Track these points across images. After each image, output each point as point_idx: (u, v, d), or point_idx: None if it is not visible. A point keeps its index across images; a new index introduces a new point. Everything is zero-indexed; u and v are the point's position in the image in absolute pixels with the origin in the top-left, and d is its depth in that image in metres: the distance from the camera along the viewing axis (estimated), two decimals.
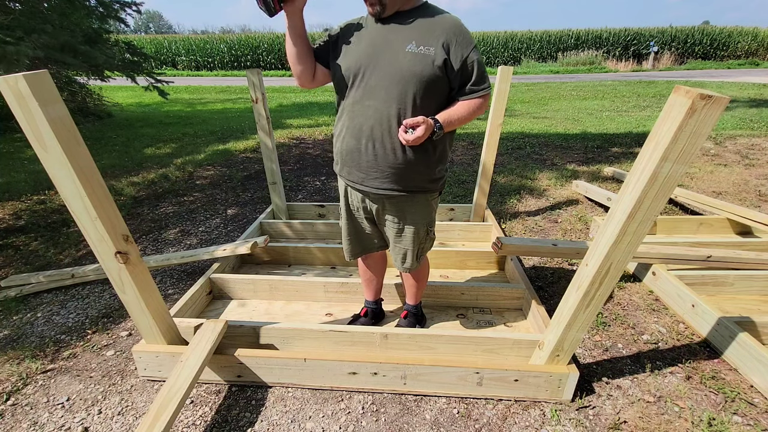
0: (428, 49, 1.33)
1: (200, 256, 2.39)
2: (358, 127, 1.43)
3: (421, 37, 1.35)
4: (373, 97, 1.39)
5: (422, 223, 1.59)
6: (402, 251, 1.65)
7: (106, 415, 1.57)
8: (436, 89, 1.39)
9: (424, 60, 1.33)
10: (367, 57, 1.38)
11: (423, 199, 1.56)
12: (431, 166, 1.50)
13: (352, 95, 1.44)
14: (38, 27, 4.02)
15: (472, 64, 1.38)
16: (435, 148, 1.47)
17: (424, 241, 1.65)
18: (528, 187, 3.96)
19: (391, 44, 1.36)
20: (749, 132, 5.89)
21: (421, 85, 1.35)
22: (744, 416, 1.53)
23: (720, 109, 0.98)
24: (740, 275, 2.20)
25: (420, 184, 1.51)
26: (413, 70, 1.33)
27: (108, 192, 1.31)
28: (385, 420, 1.54)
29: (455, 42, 1.35)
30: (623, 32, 21.36)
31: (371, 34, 1.41)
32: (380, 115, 1.39)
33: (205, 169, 4.72)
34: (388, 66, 1.36)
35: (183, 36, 24.05)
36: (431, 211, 1.63)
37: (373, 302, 2.02)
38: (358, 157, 1.47)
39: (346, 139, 1.48)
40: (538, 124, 6.90)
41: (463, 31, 1.38)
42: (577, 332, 1.45)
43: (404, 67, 1.34)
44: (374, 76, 1.38)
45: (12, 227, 3.18)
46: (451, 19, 1.38)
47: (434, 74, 1.34)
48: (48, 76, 1.11)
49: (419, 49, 1.33)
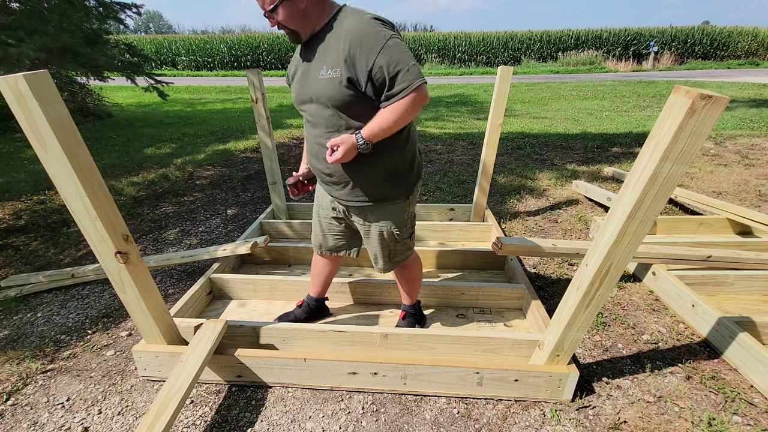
0: (335, 71, 1.32)
1: (200, 256, 2.40)
2: (312, 151, 1.55)
3: (330, 58, 1.33)
4: (314, 126, 1.48)
5: (385, 227, 1.61)
6: (372, 252, 1.72)
7: (106, 415, 1.57)
8: (359, 107, 1.36)
9: (332, 83, 1.33)
10: (298, 90, 1.47)
11: (386, 206, 1.58)
12: (380, 174, 1.50)
13: (304, 124, 1.56)
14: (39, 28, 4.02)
15: (379, 71, 1.28)
16: (379, 160, 1.45)
17: (391, 243, 1.65)
18: (528, 187, 3.96)
19: (310, 73, 1.40)
20: (749, 132, 5.89)
21: (341, 108, 1.37)
22: (744, 416, 1.53)
23: (720, 109, 0.98)
24: (740, 275, 2.20)
25: (379, 194, 1.54)
26: (328, 95, 1.35)
27: (108, 192, 1.31)
28: (385, 420, 1.54)
29: (357, 53, 1.28)
30: (623, 32, 21.36)
31: (300, 66, 1.46)
32: (320, 140, 1.47)
33: (205, 169, 4.72)
34: (310, 94, 1.41)
35: (183, 36, 24.05)
36: (397, 216, 1.61)
37: (314, 299, 2.02)
38: (320, 176, 1.61)
39: (310, 160, 1.62)
40: (538, 124, 6.90)
41: (366, 35, 1.28)
42: (577, 332, 1.45)
43: (322, 95, 1.37)
44: (308, 107, 1.46)
45: (12, 227, 3.18)
46: (353, 28, 1.30)
47: (346, 95, 1.33)
48: (48, 76, 1.11)
49: (329, 73, 1.33)
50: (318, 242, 1.84)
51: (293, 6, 1.31)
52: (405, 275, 1.84)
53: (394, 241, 1.65)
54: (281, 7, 1.31)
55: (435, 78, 16.90)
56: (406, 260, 1.76)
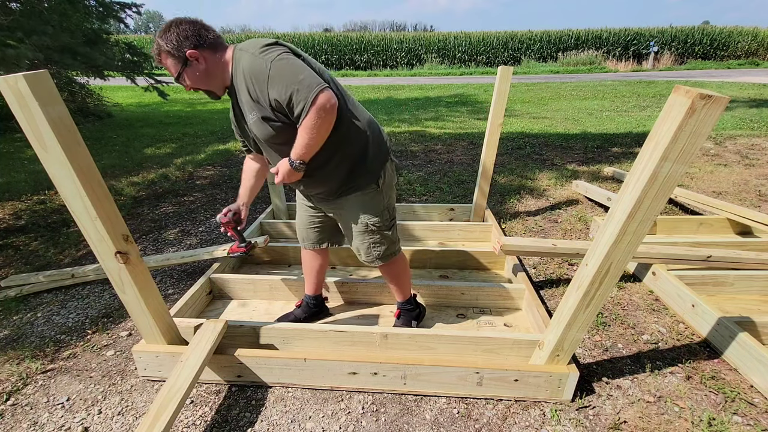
0: (253, 115, 1.40)
1: (200, 256, 2.40)
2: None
3: (247, 105, 1.40)
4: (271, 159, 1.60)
5: (362, 218, 1.64)
6: (353, 245, 1.75)
7: (106, 415, 1.57)
8: (288, 134, 1.39)
9: (258, 125, 1.41)
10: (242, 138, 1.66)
11: (355, 197, 1.62)
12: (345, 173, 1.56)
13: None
14: (38, 28, 4.02)
15: (275, 102, 1.32)
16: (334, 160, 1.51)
17: (368, 234, 1.67)
18: (528, 187, 3.96)
19: (241, 121, 1.52)
20: (749, 132, 5.89)
21: (276, 141, 1.45)
22: (744, 416, 1.53)
23: (720, 109, 0.98)
24: (740, 275, 2.20)
25: (345, 188, 1.60)
26: (261, 136, 1.45)
27: (108, 192, 1.31)
28: (385, 420, 1.54)
29: (254, 93, 1.34)
30: (623, 32, 21.37)
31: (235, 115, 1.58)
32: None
33: (205, 169, 4.72)
34: (253, 139, 1.56)
35: None
36: (372, 206, 1.62)
37: (312, 297, 2.03)
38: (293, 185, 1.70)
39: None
40: (538, 124, 6.90)
41: (253, 73, 1.31)
42: (577, 332, 1.45)
43: (257, 135, 1.47)
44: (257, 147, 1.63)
45: (12, 227, 3.18)
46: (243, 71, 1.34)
47: (273, 131, 1.41)
48: (48, 76, 1.11)
49: (251, 116, 1.41)
50: (302, 236, 1.89)
51: (193, 70, 1.38)
52: (390, 272, 1.84)
53: (372, 231, 1.67)
54: (185, 74, 1.38)
55: (435, 78, 16.91)
56: (394, 256, 1.77)
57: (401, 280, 1.89)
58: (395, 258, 1.79)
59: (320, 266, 1.97)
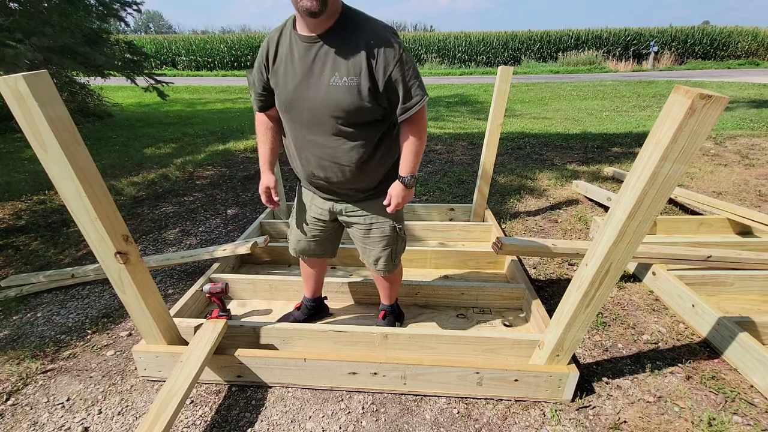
0: (352, 80, 1.28)
1: (200, 256, 2.40)
2: (306, 160, 1.49)
3: (344, 66, 1.29)
4: (311, 133, 1.41)
5: (388, 222, 1.62)
6: (372, 254, 1.68)
7: (106, 415, 1.57)
8: (368, 113, 1.36)
9: (350, 91, 1.29)
10: (295, 92, 1.37)
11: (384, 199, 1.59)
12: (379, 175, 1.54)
13: (293, 129, 1.46)
14: (38, 29, 4.01)
15: (395, 83, 1.31)
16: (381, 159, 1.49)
17: (395, 241, 1.66)
18: (528, 187, 3.96)
19: (316, 76, 1.32)
20: (749, 132, 5.89)
21: (352, 116, 1.34)
22: (744, 416, 1.53)
23: (720, 108, 0.98)
24: (740, 275, 2.20)
25: (377, 189, 1.56)
26: (341, 104, 1.31)
27: (108, 192, 1.31)
28: (385, 420, 1.54)
29: (377, 62, 1.28)
30: (623, 32, 21.35)
31: (296, 65, 1.35)
32: (322, 149, 1.43)
33: (205, 169, 4.72)
34: (315, 101, 1.34)
35: (183, 36, 24.05)
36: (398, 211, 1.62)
37: (310, 299, 2.03)
38: (315, 181, 1.56)
39: (298, 167, 1.57)
40: (538, 124, 6.90)
41: (385, 42, 1.28)
42: (577, 332, 1.45)
43: (331, 101, 1.32)
44: (307, 112, 1.37)
45: (12, 227, 3.18)
46: (371, 35, 1.28)
47: (361, 104, 1.31)
48: (47, 76, 1.11)
49: (343, 81, 1.29)
50: (300, 248, 1.78)
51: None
52: (393, 276, 1.82)
53: (397, 238, 1.66)
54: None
55: (435, 78, 16.90)
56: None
57: (396, 284, 1.90)
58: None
59: (320, 272, 1.96)
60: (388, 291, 1.90)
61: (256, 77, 1.48)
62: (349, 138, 1.39)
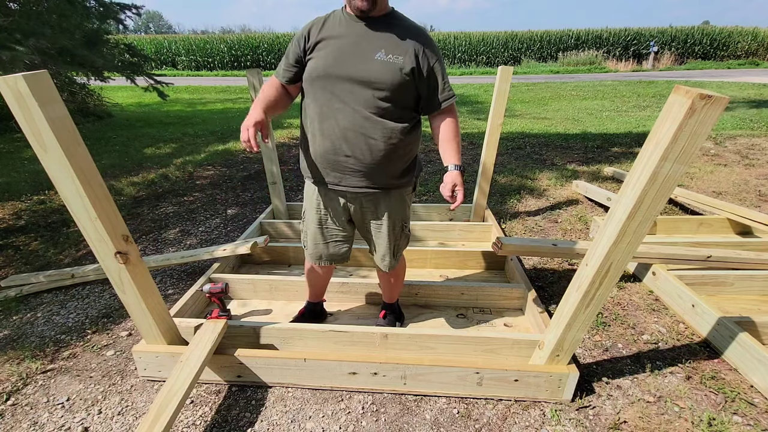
0: (397, 58, 1.39)
1: (200, 256, 2.39)
2: (330, 130, 1.46)
3: (391, 45, 1.40)
4: (345, 103, 1.42)
5: (397, 219, 1.64)
6: (381, 249, 1.69)
7: (106, 415, 1.57)
8: (404, 95, 1.44)
9: (392, 68, 1.39)
10: (335, 61, 1.41)
11: (397, 195, 1.61)
12: (400, 164, 1.55)
13: (324, 99, 1.45)
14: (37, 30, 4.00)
15: (437, 72, 1.46)
16: (405, 147, 1.51)
17: (399, 237, 1.68)
18: (528, 187, 3.96)
19: (362, 50, 1.40)
20: (749, 132, 5.89)
21: (390, 92, 1.41)
22: (744, 416, 1.53)
23: (720, 109, 0.98)
24: (740, 275, 2.20)
25: (393, 180, 1.56)
26: (382, 78, 1.39)
27: (108, 192, 1.31)
28: (385, 420, 1.54)
29: (423, 51, 1.42)
30: (623, 32, 21.35)
31: (342, 39, 1.42)
32: (352, 119, 1.42)
33: (205, 169, 4.72)
34: (357, 72, 1.39)
35: (183, 36, 24.04)
36: (405, 207, 1.66)
37: (313, 303, 2.03)
38: (334, 158, 1.49)
39: (318, 141, 1.50)
40: (538, 124, 6.90)
41: (430, 42, 1.45)
42: (577, 332, 1.45)
43: (372, 74, 1.39)
44: (345, 82, 1.41)
45: (12, 227, 3.18)
46: (419, 30, 1.45)
47: (403, 81, 1.40)
48: (47, 76, 1.11)
49: (388, 57, 1.39)
50: (319, 253, 1.72)
51: None
52: (394, 273, 1.83)
53: (401, 234, 1.69)
54: None
55: None
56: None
57: (399, 282, 1.90)
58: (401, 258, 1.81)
59: (328, 278, 1.96)
60: (391, 288, 1.90)
61: (292, 49, 1.51)
62: (381, 114, 1.43)
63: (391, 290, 1.91)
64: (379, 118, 1.43)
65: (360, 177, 1.50)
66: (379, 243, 1.67)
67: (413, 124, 1.52)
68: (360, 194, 1.55)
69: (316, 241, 1.71)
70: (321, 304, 2.06)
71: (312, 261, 1.77)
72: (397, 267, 1.82)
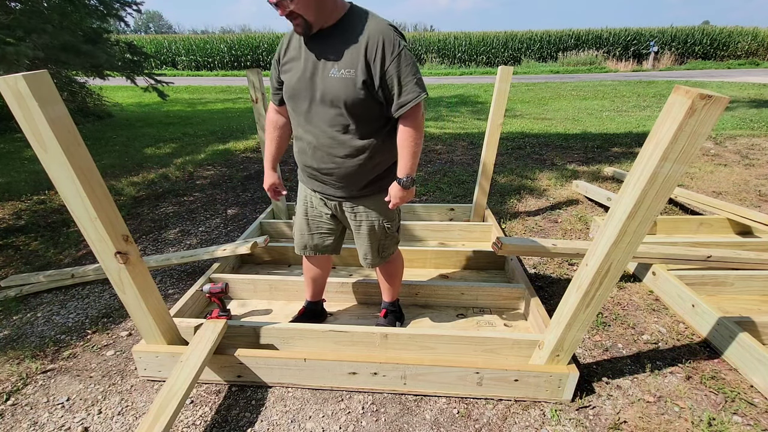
0: (349, 72, 1.33)
1: (200, 256, 2.39)
2: (303, 150, 1.53)
3: (344, 57, 1.34)
4: (311, 123, 1.45)
5: (377, 220, 1.64)
6: (362, 249, 1.72)
7: (106, 415, 1.57)
8: (366, 109, 1.39)
9: (347, 83, 1.34)
10: (298, 83, 1.42)
11: (376, 198, 1.61)
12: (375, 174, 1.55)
13: (295, 119, 1.51)
14: (39, 27, 4.01)
15: (392, 77, 1.33)
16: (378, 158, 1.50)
17: (382, 237, 1.69)
18: (528, 187, 3.96)
19: (318, 69, 1.38)
20: (749, 132, 5.89)
21: (349, 108, 1.37)
22: (744, 416, 1.53)
23: (720, 109, 0.98)
24: (740, 275, 2.20)
25: (369, 188, 1.58)
26: (338, 95, 1.35)
27: (108, 192, 1.31)
28: (385, 420, 1.54)
29: (375, 57, 1.32)
30: (623, 32, 21.34)
31: (301, 59, 1.41)
32: (319, 139, 1.46)
33: (205, 169, 4.72)
34: (317, 92, 1.39)
35: (183, 36, 24.04)
36: (387, 209, 1.63)
37: (313, 302, 2.02)
38: (311, 173, 1.59)
39: (298, 157, 1.60)
40: (538, 124, 6.90)
41: (385, 41, 1.31)
42: (577, 332, 1.45)
43: (329, 93, 1.36)
44: (307, 103, 1.42)
45: (12, 227, 3.18)
46: (373, 32, 1.33)
47: (358, 97, 1.35)
48: (48, 76, 1.11)
49: (341, 72, 1.34)
50: (303, 242, 1.77)
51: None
52: (388, 270, 1.85)
53: (384, 235, 1.69)
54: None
55: (435, 78, 16.90)
56: (391, 255, 1.78)
57: (396, 280, 1.90)
58: (393, 256, 1.81)
59: (325, 275, 1.96)
60: (388, 287, 1.91)
61: (273, 73, 1.56)
62: (346, 131, 1.42)
63: (388, 289, 1.92)
64: (344, 136, 1.42)
65: (336, 188, 1.58)
66: (359, 243, 1.72)
67: (385, 134, 1.48)
68: (339, 201, 1.63)
69: (301, 231, 1.77)
70: (321, 303, 2.06)
71: (297, 250, 1.83)
72: (392, 266, 1.84)
